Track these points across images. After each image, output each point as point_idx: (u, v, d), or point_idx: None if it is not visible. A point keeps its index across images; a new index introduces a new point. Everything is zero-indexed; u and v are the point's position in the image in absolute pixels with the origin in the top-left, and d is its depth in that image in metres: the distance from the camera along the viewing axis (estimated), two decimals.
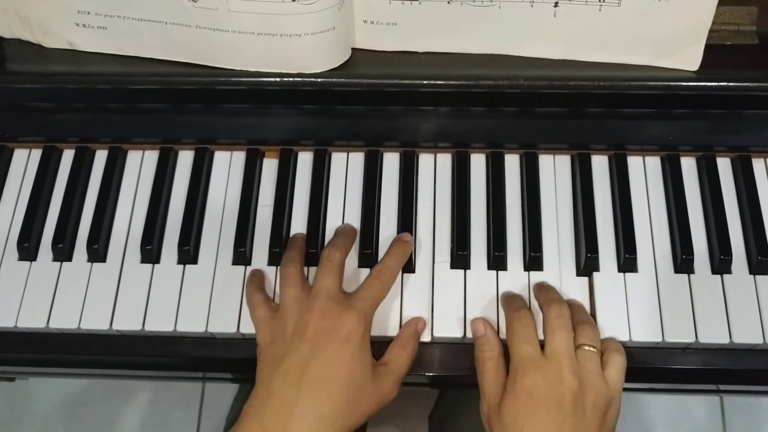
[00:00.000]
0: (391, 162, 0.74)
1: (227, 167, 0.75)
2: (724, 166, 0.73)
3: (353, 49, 0.68)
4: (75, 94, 0.71)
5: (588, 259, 0.68)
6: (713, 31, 0.64)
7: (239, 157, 0.75)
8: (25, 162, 0.76)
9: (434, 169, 0.74)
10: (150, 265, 0.70)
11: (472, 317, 0.67)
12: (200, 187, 0.73)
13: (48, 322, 0.68)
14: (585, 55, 0.67)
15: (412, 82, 0.68)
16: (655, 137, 0.73)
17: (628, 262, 0.68)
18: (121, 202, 0.74)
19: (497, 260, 0.69)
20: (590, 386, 0.59)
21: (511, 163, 0.74)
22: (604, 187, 0.72)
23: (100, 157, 0.75)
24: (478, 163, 0.74)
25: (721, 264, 0.68)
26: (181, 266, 0.70)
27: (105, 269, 0.70)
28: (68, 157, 0.75)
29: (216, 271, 0.70)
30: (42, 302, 0.69)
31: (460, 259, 0.69)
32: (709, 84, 0.66)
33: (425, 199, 0.73)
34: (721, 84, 0.66)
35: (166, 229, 0.72)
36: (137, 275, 0.70)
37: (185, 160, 0.75)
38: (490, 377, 0.62)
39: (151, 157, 0.75)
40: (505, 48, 0.67)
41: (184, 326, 0.67)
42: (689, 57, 0.65)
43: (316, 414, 0.59)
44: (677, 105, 0.70)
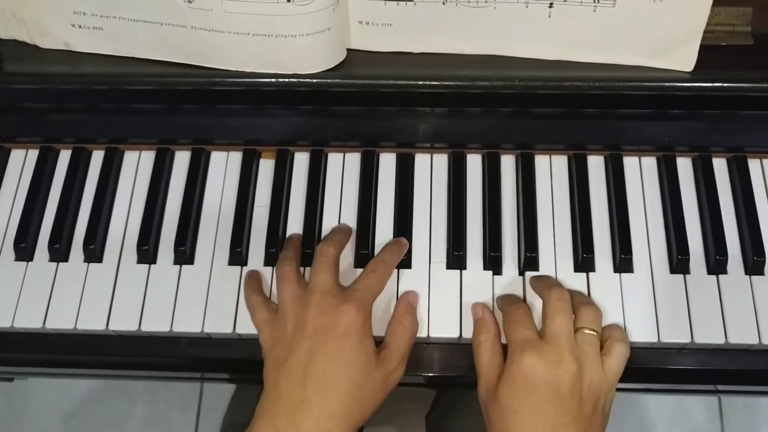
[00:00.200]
0: (387, 162, 0.74)
1: (224, 168, 0.75)
2: (719, 166, 0.73)
3: (348, 50, 0.68)
4: (71, 94, 0.72)
5: (584, 260, 0.68)
6: (708, 32, 0.64)
7: (236, 157, 0.75)
8: (21, 162, 0.76)
9: (430, 170, 0.74)
10: (146, 266, 0.70)
11: (468, 318, 0.67)
12: (197, 188, 0.73)
13: (44, 323, 0.68)
14: (580, 55, 0.67)
15: (407, 82, 0.68)
16: (651, 138, 0.73)
17: (623, 262, 0.68)
18: (118, 202, 0.74)
19: (493, 261, 0.69)
20: (587, 370, 0.60)
21: (507, 164, 0.74)
22: (599, 187, 0.72)
23: (97, 158, 0.75)
24: (474, 163, 0.74)
25: (716, 264, 0.68)
26: (178, 267, 0.70)
27: (101, 269, 0.70)
28: (65, 157, 0.76)
29: (212, 271, 0.70)
30: (38, 302, 0.69)
31: (456, 259, 0.69)
32: (704, 85, 0.66)
33: (421, 199, 0.73)
34: (716, 85, 0.66)
35: (163, 230, 0.72)
36: (134, 276, 0.70)
37: (182, 160, 0.75)
38: (486, 359, 0.62)
39: (148, 157, 0.75)
40: (500, 48, 0.67)
41: (181, 327, 0.68)
42: (684, 57, 0.65)
43: (325, 411, 0.59)
44: (672, 105, 0.70)
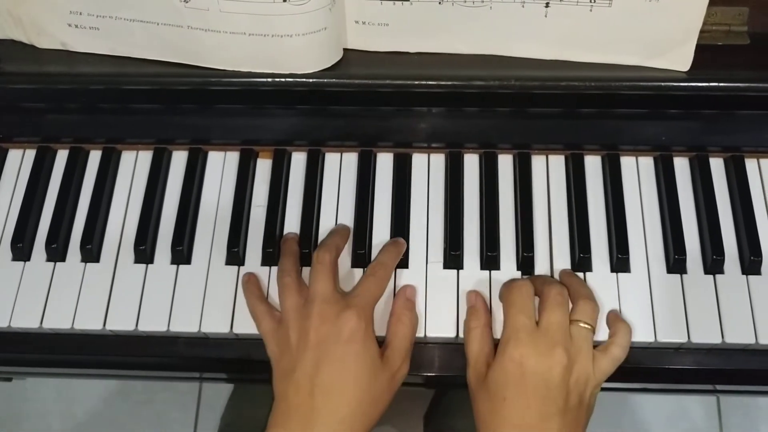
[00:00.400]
0: (384, 162, 0.74)
1: (221, 167, 0.75)
2: (716, 166, 0.73)
3: (345, 50, 0.68)
4: (68, 94, 0.72)
5: (580, 259, 0.68)
6: (704, 32, 0.64)
7: (233, 157, 0.75)
8: (19, 162, 0.76)
9: (427, 170, 0.74)
10: (143, 266, 0.70)
11: (465, 317, 0.66)
12: (194, 188, 0.73)
13: (42, 323, 0.68)
14: (576, 55, 0.67)
15: (404, 82, 0.68)
16: (648, 137, 0.73)
17: (620, 262, 0.68)
18: (115, 202, 0.74)
19: (490, 260, 0.69)
20: (578, 364, 0.60)
21: (504, 164, 0.74)
22: (596, 187, 0.72)
23: (94, 158, 0.75)
24: (471, 163, 0.74)
25: (713, 264, 0.68)
26: (175, 266, 0.70)
27: (98, 269, 0.70)
28: (62, 157, 0.76)
29: (209, 271, 0.70)
30: (35, 302, 0.69)
31: (453, 259, 0.69)
32: (701, 84, 0.66)
33: (418, 199, 0.73)
34: (713, 84, 0.66)
35: (160, 230, 0.72)
36: (131, 275, 0.70)
37: (179, 160, 0.75)
38: (474, 346, 0.63)
39: (145, 157, 0.75)
40: (497, 48, 0.67)
41: (178, 326, 0.68)
42: (680, 57, 0.65)
43: (336, 419, 0.60)
44: (669, 105, 0.70)
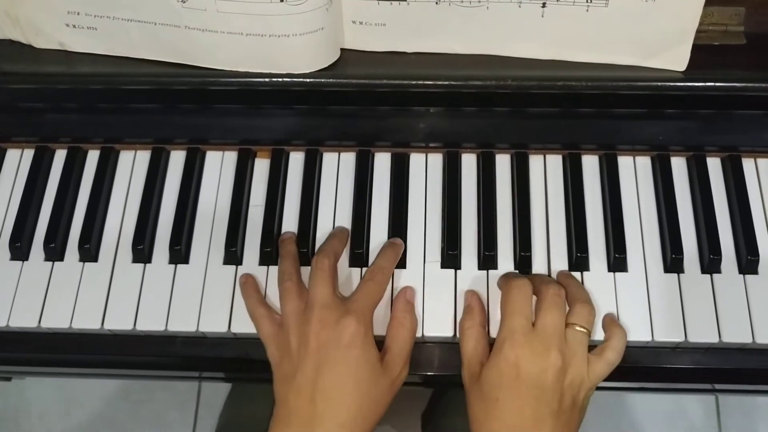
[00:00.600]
0: (382, 162, 0.74)
1: (219, 167, 0.75)
2: (714, 165, 0.73)
3: (342, 50, 0.68)
4: (66, 94, 0.72)
5: (578, 259, 0.68)
6: (701, 32, 0.64)
7: (231, 157, 0.75)
8: (17, 162, 0.76)
9: (425, 169, 0.74)
10: (141, 265, 0.70)
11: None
12: (192, 187, 0.74)
13: (40, 322, 0.68)
14: (573, 55, 0.67)
15: (401, 82, 0.68)
16: (645, 137, 0.73)
17: (617, 261, 0.68)
18: (113, 202, 0.74)
19: (488, 260, 0.69)
20: (572, 367, 0.60)
21: (502, 163, 0.74)
22: (594, 186, 0.72)
23: (92, 157, 0.76)
24: (469, 163, 0.74)
25: (710, 263, 0.68)
26: (173, 266, 0.70)
27: (96, 269, 0.70)
28: (60, 157, 0.76)
29: (207, 270, 0.70)
30: (34, 302, 0.69)
31: (450, 258, 0.69)
32: (697, 84, 0.66)
33: (416, 198, 0.73)
34: (709, 84, 0.66)
35: (158, 229, 0.72)
36: (129, 275, 0.70)
37: (177, 160, 0.75)
38: (468, 345, 0.64)
39: (143, 157, 0.75)
40: (494, 48, 0.67)
41: (175, 326, 0.68)
42: (677, 57, 0.65)
43: (336, 423, 0.60)
44: (666, 105, 0.70)
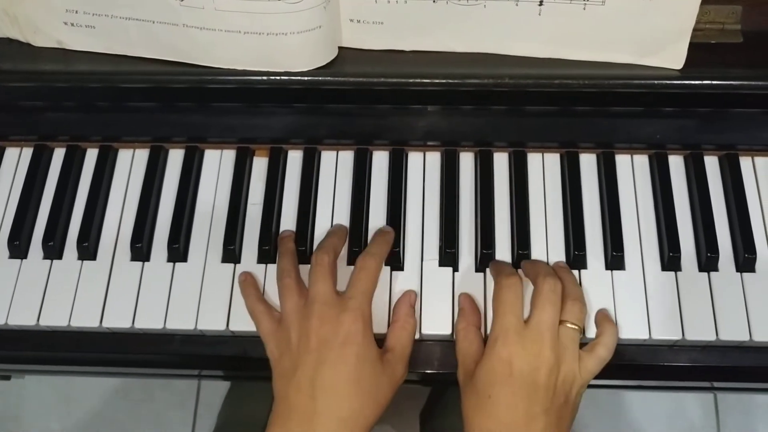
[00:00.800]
0: (380, 160, 0.75)
1: (217, 165, 0.75)
2: (711, 164, 0.73)
3: (340, 48, 0.68)
4: (65, 92, 0.72)
5: (575, 257, 0.69)
6: (698, 30, 0.64)
7: (229, 155, 0.75)
8: (16, 160, 0.76)
9: (423, 168, 0.74)
10: (140, 263, 0.71)
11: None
12: (190, 186, 0.74)
13: (38, 320, 0.68)
14: (570, 53, 0.67)
15: (399, 80, 0.68)
16: (643, 136, 0.73)
17: (615, 259, 0.68)
18: (112, 200, 0.74)
19: (486, 258, 0.69)
20: (564, 364, 0.60)
21: (500, 162, 0.74)
22: (592, 185, 0.73)
23: (91, 156, 0.76)
24: (466, 161, 0.74)
25: (708, 262, 0.68)
26: (171, 264, 0.70)
27: (95, 267, 0.70)
28: (59, 155, 0.76)
29: (205, 268, 0.70)
30: (32, 300, 0.69)
31: (448, 256, 0.69)
32: (694, 83, 0.66)
33: (414, 197, 0.73)
34: (706, 83, 0.66)
35: (156, 227, 0.72)
36: (127, 273, 0.70)
37: (175, 158, 0.75)
38: (463, 345, 0.64)
39: (142, 155, 0.75)
40: (491, 47, 0.67)
41: (174, 324, 0.68)
42: (674, 56, 0.65)
43: (336, 419, 0.60)
44: (663, 103, 0.70)
